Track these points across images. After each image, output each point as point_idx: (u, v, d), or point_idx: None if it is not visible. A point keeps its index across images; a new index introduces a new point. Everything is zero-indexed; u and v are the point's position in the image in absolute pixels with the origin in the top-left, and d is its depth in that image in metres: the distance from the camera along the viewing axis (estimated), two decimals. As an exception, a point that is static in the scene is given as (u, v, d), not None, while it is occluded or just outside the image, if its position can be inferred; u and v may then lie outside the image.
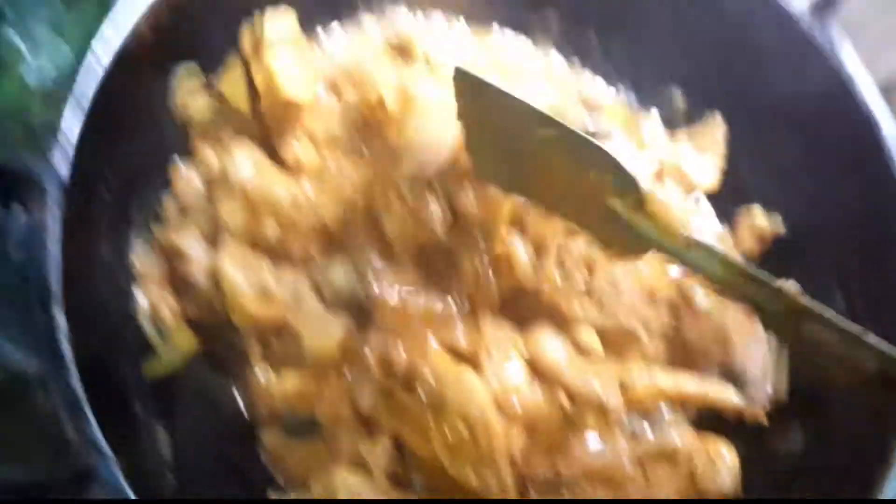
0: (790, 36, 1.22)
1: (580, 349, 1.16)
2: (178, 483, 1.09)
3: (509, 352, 1.13)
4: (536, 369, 1.13)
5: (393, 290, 1.14)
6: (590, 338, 1.17)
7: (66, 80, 1.52)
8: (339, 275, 1.18)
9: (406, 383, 1.10)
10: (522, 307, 1.18)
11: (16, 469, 0.89)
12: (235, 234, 1.18)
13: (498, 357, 1.12)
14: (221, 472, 1.18)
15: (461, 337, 1.14)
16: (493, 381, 1.09)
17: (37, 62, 1.55)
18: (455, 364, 1.10)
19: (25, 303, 1.36)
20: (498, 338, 1.14)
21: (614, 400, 1.12)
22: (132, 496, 0.91)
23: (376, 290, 1.14)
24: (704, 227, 1.34)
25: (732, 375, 1.20)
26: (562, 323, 1.17)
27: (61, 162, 1.00)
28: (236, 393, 1.21)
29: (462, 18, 1.47)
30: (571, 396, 1.11)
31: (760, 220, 1.33)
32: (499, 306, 1.17)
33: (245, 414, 1.20)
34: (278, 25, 1.23)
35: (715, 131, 1.37)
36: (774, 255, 1.32)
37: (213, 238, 1.20)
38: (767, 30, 1.25)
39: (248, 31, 1.24)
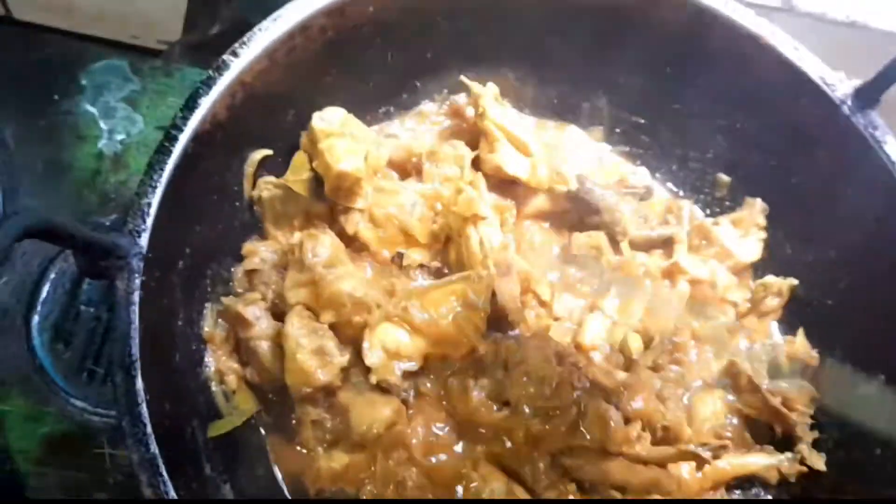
0: (833, 122, 1.26)
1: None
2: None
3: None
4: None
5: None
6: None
7: (139, 148, 1.65)
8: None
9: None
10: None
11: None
12: (301, 310, 1.25)
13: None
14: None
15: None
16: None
17: (111, 133, 1.65)
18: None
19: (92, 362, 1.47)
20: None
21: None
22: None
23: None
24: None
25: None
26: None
27: (142, 236, 1.07)
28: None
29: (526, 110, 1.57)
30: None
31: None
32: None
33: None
34: (329, 119, 1.32)
35: (756, 216, 1.42)
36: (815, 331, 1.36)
37: (278, 309, 1.29)
38: (812, 115, 1.29)
39: (306, 133, 1.34)
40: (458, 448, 1.23)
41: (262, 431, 1.30)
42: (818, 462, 1.25)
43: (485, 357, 1.24)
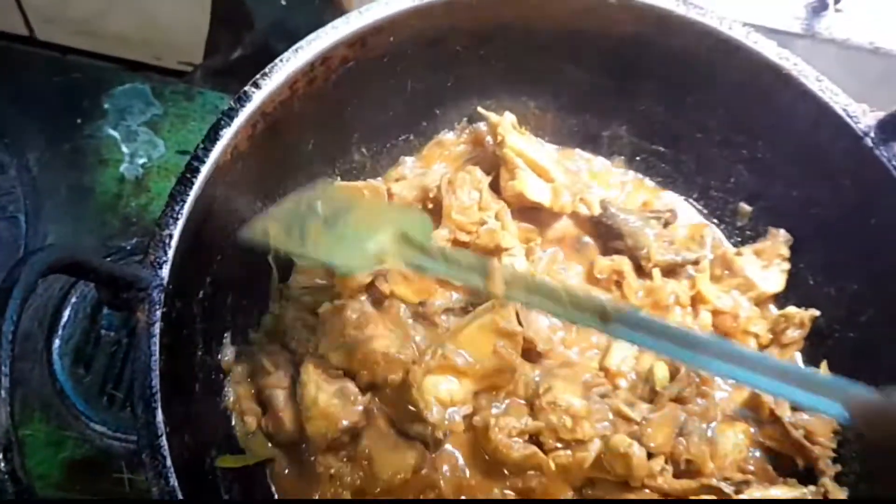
0: (856, 154, 1.24)
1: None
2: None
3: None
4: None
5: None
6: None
7: (160, 172, 1.66)
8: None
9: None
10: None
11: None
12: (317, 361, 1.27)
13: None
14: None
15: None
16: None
17: (133, 157, 1.67)
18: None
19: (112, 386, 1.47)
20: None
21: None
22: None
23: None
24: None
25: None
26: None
27: (163, 268, 1.08)
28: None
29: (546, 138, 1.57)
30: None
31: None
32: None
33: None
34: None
35: (779, 246, 1.40)
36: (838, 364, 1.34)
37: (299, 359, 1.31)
38: (834, 147, 1.28)
39: None
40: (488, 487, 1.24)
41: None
42: (840, 495, 1.24)
43: (516, 387, 1.25)
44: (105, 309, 1.53)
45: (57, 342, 1.51)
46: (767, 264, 1.40)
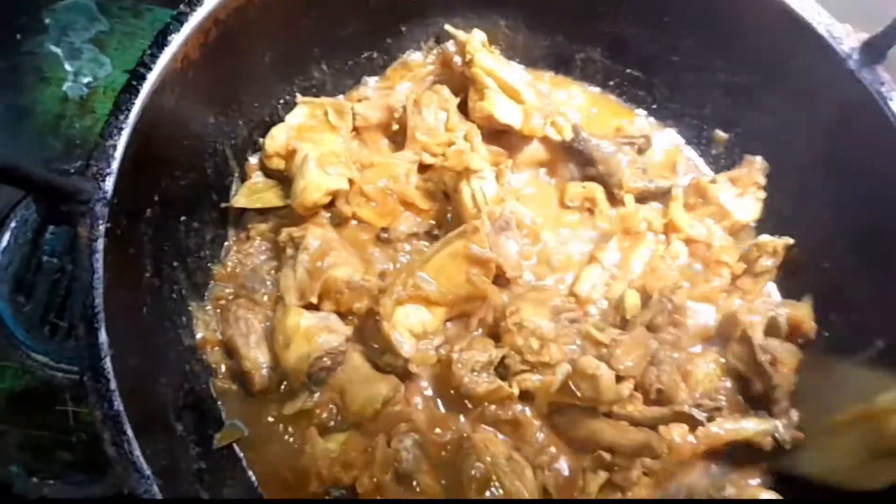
0: (838, 76, 1.20)
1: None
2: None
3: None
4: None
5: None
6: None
7: (106, 92, 1.56)
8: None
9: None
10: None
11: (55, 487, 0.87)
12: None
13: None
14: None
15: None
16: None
17: (77, 76, 1.57)
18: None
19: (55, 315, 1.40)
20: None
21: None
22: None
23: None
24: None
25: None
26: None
27: (106, 180, 1.00)
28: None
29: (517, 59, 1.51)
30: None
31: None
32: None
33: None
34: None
35: (755, 174, 1.36)
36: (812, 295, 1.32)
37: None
38: (815, 69, 1.23)
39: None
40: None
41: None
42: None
43: (486, 314, 1.21)
44: (48, 234, 1.44)
45: (-6, 268, 1.42)
46: (742, 192, 1.36)
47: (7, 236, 1.43)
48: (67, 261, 1.43)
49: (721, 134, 1.43)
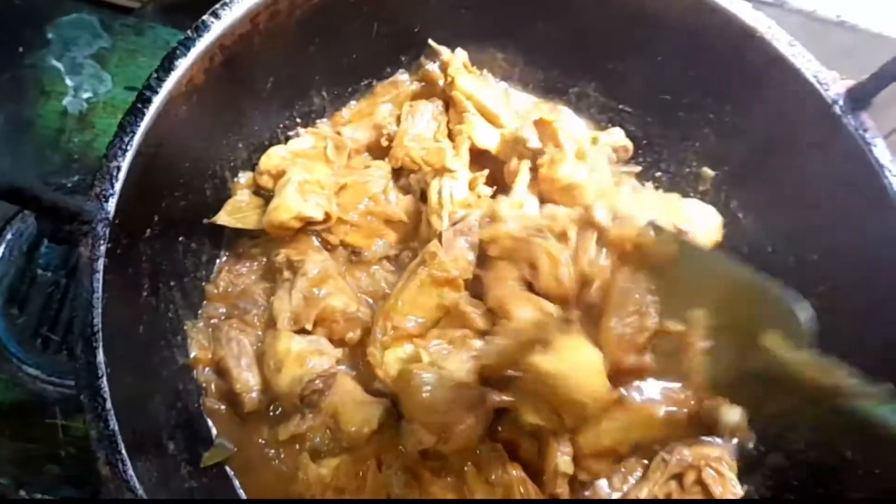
0: (824, 121, 1.22)
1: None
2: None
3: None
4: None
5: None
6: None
7: (105, 108, 1.58)
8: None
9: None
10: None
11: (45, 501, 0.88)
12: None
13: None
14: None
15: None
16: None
17: (77, 90, 1.58)
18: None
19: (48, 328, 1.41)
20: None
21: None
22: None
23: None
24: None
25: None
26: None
27: (109, 200, 1.02)
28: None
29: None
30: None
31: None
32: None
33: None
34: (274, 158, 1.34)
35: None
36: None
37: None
38: (803, 113, 1.25)
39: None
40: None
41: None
42: None
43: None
44: (43, 248, 1.46)
45: (-12, 280, 1.43)
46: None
47: (2, 249, 1.44)
48: (62, 275, 1.44)
49: (709, 171, 1.45)
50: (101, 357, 0.97)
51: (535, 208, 1.29)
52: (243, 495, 1.22)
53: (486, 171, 1.35)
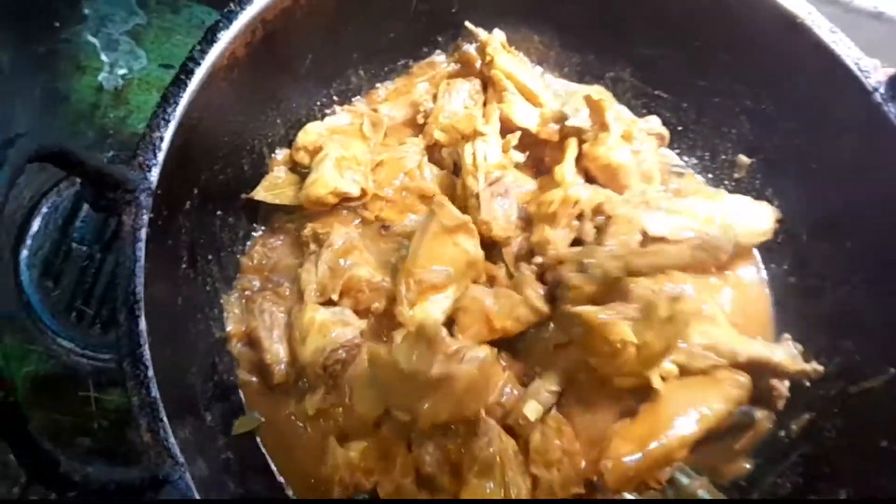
0: (864, 109, 1.21)
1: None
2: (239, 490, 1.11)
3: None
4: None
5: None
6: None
7: (140, 84, 1.59)
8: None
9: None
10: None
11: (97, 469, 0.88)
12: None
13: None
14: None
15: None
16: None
17: (113, 67, 1.59)
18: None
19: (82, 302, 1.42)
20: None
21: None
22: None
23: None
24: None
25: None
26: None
27: (152, 171, 1.02)
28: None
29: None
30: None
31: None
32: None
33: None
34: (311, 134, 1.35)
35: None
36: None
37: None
38: (842, 101, 1.25)
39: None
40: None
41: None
42: None
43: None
44: (77, 221, 1.46)
45: (25, 253, 1.44)
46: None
47: (38, 222, 1.45)
48: (96, 249, 1.45)
49: (745, 159, 1.44)
50: (143, 325, 0.97)
51: (581, 186, 1.29)
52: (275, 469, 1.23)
53: (518, 133, 1.35)
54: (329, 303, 1.24)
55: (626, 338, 1.08)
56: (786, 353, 1.24)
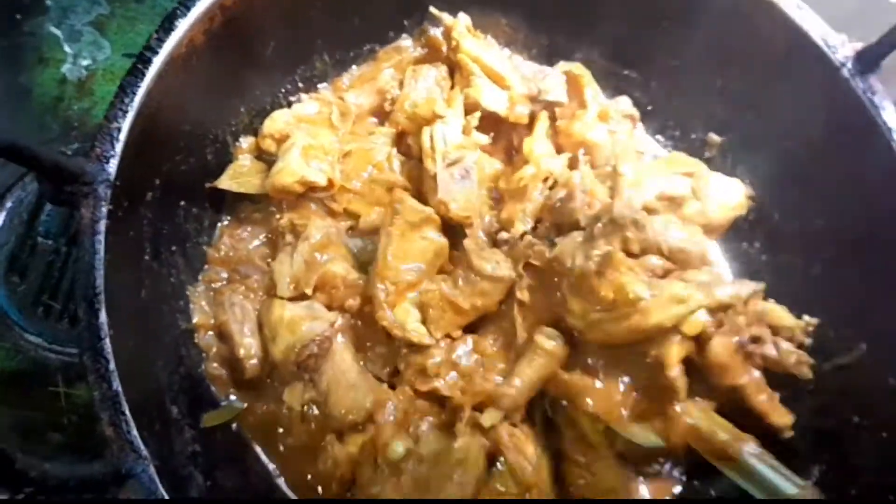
0: (832, 84, 1.20)
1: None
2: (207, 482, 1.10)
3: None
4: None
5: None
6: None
7: (104, 75, 1.56)
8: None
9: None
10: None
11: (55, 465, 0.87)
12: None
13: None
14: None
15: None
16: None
17: (76, 58, 1.57)
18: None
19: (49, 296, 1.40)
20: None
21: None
22: (165, 496, 0.92)
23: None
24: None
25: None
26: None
27: (110, 162, 1.01)
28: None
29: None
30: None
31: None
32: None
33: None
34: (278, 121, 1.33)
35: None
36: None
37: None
38: (810, 77, 1.24)
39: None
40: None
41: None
42: None
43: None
44: (43, 216, 1.45)
45: (-10, 248, 1.42)
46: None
47: (3, 217, 1.43)
48: (62, 242, 1.43)
49: (715, 137, 1.44)
50: (103, 318, 0.96)
51: (552, 159, 1.29)
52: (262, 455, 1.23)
53: (479, 114, 1.33)
54: (302, 297, 1.23)
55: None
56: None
